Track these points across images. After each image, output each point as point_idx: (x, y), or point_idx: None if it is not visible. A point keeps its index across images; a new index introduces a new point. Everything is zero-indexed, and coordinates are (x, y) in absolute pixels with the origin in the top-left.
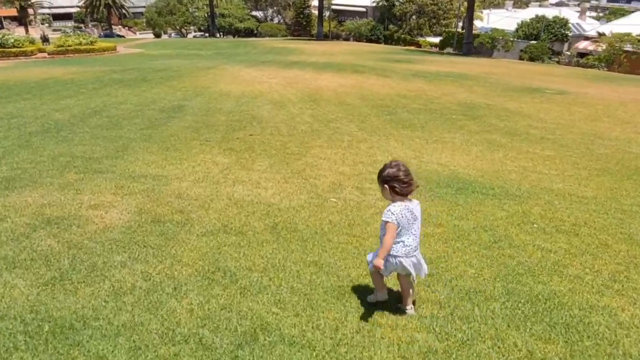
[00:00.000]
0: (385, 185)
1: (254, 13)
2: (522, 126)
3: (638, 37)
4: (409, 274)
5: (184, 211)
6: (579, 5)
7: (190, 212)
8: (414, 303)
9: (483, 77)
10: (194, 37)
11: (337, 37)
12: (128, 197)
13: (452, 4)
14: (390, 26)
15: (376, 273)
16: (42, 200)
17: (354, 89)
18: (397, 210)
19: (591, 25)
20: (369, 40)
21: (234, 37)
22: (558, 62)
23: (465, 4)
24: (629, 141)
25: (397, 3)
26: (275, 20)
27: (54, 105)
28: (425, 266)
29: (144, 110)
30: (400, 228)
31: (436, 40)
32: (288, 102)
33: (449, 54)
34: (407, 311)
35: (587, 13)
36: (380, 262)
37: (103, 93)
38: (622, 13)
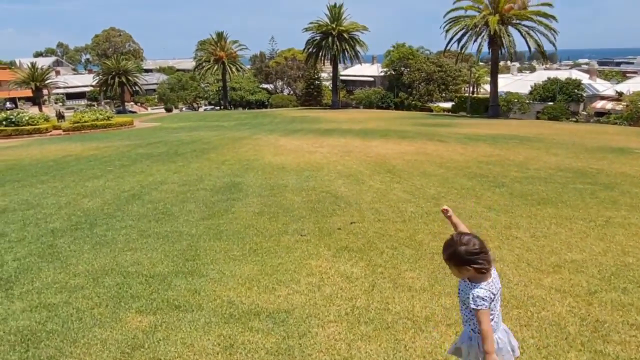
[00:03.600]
0: (469, 267)
1: (264, 85)
2: None
3: None
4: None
5: None
6: (571, 68)
7: None
8: None
9: (543, 139)
10: (205, 110)
11: (346, 105)
12: None
13: (460, 71)
14: (400, 93)
15: None
16: None
17: (420, 155)
18: (487, 294)
19: (603, 86)
20: (379, 108)
21: (244, 109)
22: (576, 121)
23: (474, 70)
24: None
25: (405, 71)
26: (286, 92)
27: (79, 189)
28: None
29: (192, 191)
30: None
31: (447, 105)
32: (361, 175)
33: (471, 116)
34: None
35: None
36: (492, 358)
37: (135, 171)
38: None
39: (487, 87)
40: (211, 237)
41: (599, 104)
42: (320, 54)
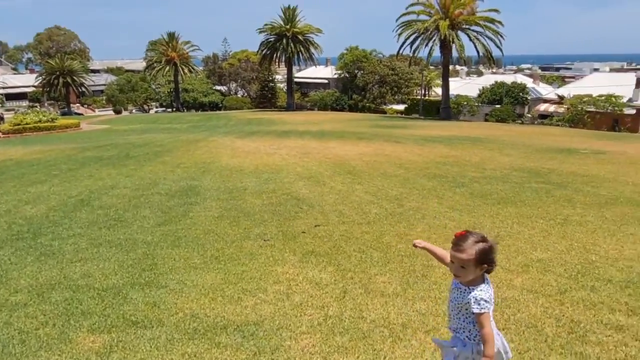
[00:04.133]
0: (485, 266)
1: (217, 87)
2: (626, 192)
3: (598, 98)
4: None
5: None
6: (515, 72)
7: None
8: None
9: (496, 140)
10: (156, 112)
11: (301, 107)
12: None
13: (412, 74)
14: (354, 96)
15: None
16: None
17: (379, 157)
18: (488, 296)
19: (546, 89)
20: (334, 109)
21: (197, 110)
22: (522, 123)
23: (425, 73)
24: None
25: (358, 74)
26: (240, 94)
27: (20, 195)
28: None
29: (146, 195)
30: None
31: (400, 107)
32: (321, 176)
33: (424, 118)
34: None
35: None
36: None
37: (83, 175)
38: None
39: (438, 90)
40: (169, 245)
41: (543, 107)
42: (275, 55)
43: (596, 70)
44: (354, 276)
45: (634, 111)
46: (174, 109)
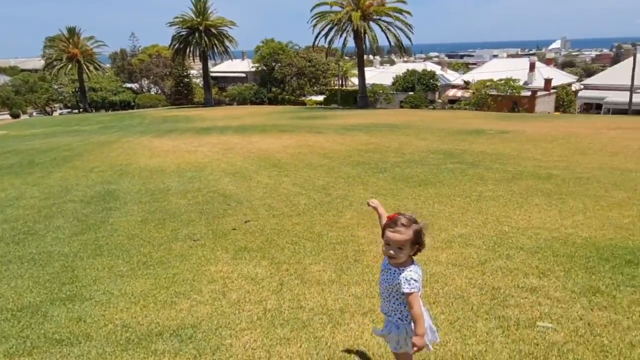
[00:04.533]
0: (418, 246)
1: (128, 85)
2: (528, 167)
3: (498, 82)
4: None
5: None
6: (424, 61)
7: None
8: None
9: (412, 125)
10: (61, 114)
11: (219, 102)
12: None
13: (329, 65)
14: (273, 88)
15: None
16: None
17: (303, 148)
18: (417, 276)
19: (453, 76)
20: (253, 103)
21: (107, 110)
22: (434, 109)
23: (341, 64)
24: None
25: (276, 67)
26: (153, 91)
27: None
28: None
29: (58, 204)
30: None
31: (319, 98)
32: (247, 171)
33: (343, 108)
34: None
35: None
36: (423, 342)
37: None
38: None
39: (355, 79)
40: (89, 254)
41: (451, 92)
42: (188, 50)
43: (495, 56)
44: (289, 268)
45: (529, 93)
46: (81, 110)
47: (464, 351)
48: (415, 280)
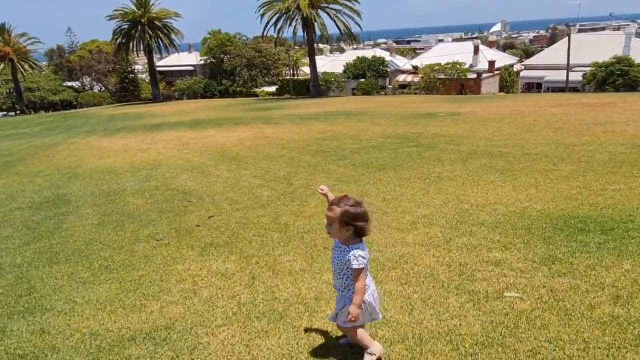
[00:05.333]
0: (350, 227)
1: (68, 83)
2: (481, 146)
3: (445, 66)
4: (375, 319)
5: None
6: (373, 47)
7: None
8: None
9: (366, 112)
10: None
11: (168, 98)
12: None
13: (279, 54)
14: (224, 81)
15: (354, 330)
16: None
17: (260, 140)
18: (364, 253)
19: (402, 61)
20: (204, 97)
21: (46, 111)
22: (385, 94)
23: (292, 53)
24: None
25: (225, 58)
26: (96, 88)
27: None
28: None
29: (4, 212)
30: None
31: (272, 89)
32: (205, 166)
33: (296, 98)
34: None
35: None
36: (358, 312)
37: None
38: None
39: (306, 69)
40: (45, 263)
41: (401, 77)
42: (132, 44)
43: (441, 41)
44: (259, 260)
45: (475, 75)
46: (18, 112)
47: (440, 327)
48: (362, 257)
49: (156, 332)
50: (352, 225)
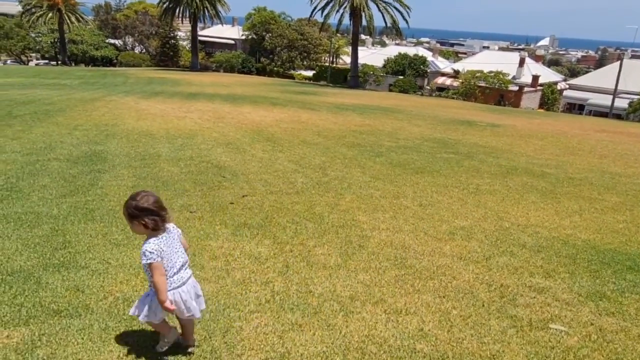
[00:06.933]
0: (137, 222)
1: (111, 41)
2: (522, 163)
3: (488, 74)
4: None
5: None
6: (415, 45)
7: None
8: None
9: (404, 110)
10: (38, 64)
11: (206, 68)
12: None
13: (321, 40)
14: (262, 59)
15: (152, 324)
16: None
17: (296, 124)
18: (155, 247)
19: (443, 63)
20: (241, 72)
21: (87, 65)
22: (422, 95)
23: (334, 40)
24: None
25: (267, 37)
26: (137, 50)
27: None
28: (201, 295)
29: (42, 162)
30: (165, 261)
31: (309, 73)
32: (240, 143)
33: (333, 86)
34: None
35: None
36: (170, 309)
37: None
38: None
39: (345, 58)
40: (80, 219)
41: (440, 80)
42: (178, 10)
43: (486, 48)
44: (293, 249)
45: (517, 88)
46: (59, 62)
47: (481, 350)
48: (150, 252)
49: None
50: (140, 219)
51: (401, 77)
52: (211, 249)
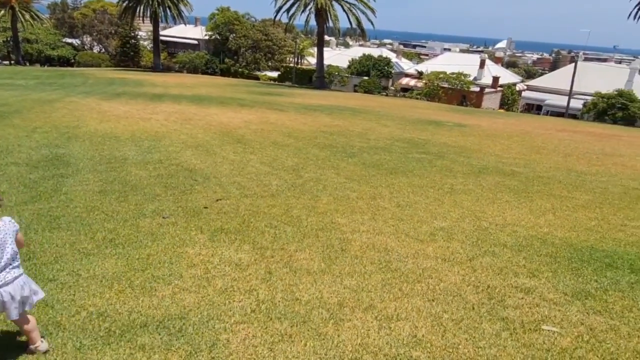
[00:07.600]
0: None
1: (68, 40)
2: (492, 162)
3: (450, 75)
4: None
5: None
6: (379, 47)
7: None
8: (43, 336)
9: (371, 111)
10: None
11: (169, 69)
12: None
13: (286, 41)
14: (227, 60)
15: None
16: None
17: (265, 125)
18: None
19: (407, 65)
20: (205, 73)
21: (42, 65)
22: (387, 95)
23: (299, 41)
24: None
25: (231, 37)
26: (96, 49)
27: None
28: (38, 290)
29: (0, 166)
30: None
31: (274, 74)
32: (209, 145)
33: (299, 87)
34: (40, 349)
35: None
36: None
37: None
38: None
39: (310, 58)
40: (45, 227)
41: (405, 81)
42: (139, 9)
43: (447, 50)
44: (274, 254)
45: (478, 89)
46: (13, 62)
47: (478, 355)
48: None
49: (170, 321)
50: None
51: (366, 77)
52: (188, 256)
